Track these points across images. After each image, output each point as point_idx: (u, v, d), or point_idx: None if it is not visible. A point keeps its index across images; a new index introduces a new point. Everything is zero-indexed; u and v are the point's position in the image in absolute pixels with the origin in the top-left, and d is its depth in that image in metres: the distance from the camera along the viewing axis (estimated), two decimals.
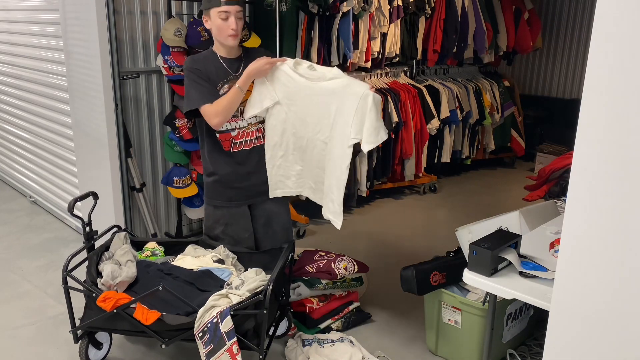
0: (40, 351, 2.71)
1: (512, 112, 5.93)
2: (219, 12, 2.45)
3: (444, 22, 5.14)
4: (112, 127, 3.36)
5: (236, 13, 2.46)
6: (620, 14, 1.16)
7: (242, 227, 2.74)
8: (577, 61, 6.45)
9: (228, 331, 2.18)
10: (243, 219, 2.74)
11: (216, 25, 2.49)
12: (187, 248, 2.73)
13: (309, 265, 2.85)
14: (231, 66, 2.59)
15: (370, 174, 4.59)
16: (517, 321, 2.64)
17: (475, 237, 2.03)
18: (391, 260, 3.69)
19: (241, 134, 2.61)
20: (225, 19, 2.46)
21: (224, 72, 2.57)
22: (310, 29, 4.10)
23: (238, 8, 2.47)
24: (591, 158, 1.25)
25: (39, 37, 4.17)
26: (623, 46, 1.16)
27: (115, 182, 3.43)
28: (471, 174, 5.90)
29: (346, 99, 2.48)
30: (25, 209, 4.66)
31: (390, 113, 4.65)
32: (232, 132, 2.60)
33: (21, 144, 4.87)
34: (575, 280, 1.33)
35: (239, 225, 2.73)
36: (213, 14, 2.47)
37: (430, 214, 4.72)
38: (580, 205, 1.29)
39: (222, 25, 2.47)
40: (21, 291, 3.29)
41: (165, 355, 2.66)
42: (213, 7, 2.45)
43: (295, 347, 2.64)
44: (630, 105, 1.18)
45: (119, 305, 2.27)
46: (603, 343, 1.31)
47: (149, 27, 3.65)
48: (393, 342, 2.82)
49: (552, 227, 2.22)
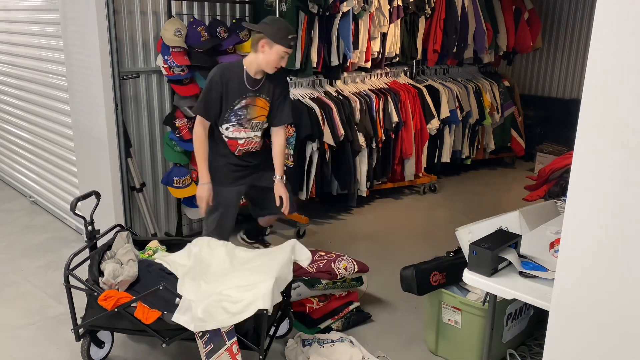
0: (40, 351, 2.71)
1: (512, 112, 5.93)
2: (283, 50, 2.73)
3: (444, 22, 5.14)
4: (112, 127, 3.36)
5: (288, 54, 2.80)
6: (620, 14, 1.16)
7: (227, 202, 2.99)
8: (577, 61, 6.45)
9: (228, 331, 2.19)
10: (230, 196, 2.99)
11: (272, 58, 2.75)
12: None
13: (309, 265, 2.85)
14: (252, 84, 2.87)
15: (370, 174, 4.59)
16: (517, 321, 2.64)
17: (475, 237, 2.02)
18: (391, 260, 3.69)
19: (247, 143, 2.95)
20: (282, 57, 2.76)
21: (244, 88, 2.85)
22: (310, 29, 4.10)
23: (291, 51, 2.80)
24: (591, 158, 1.25)
25: (39, 37, 4.16)
26: (623, 46, 1.17)
27: (115, 182, 3.43)
28: (471, 174, 5.90)
29: None
30: (25, 209, 4.66)
31: (390, 113, 4.65)
32: (239, 140, 2.93)
33: (21, 144, 4.87)
34: (575, 280, 1.33)
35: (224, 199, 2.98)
36: (276, 49, 2.72)
37: (430, 214, 4.72)
38: (580, 205, 1.29)
39: (277, 60, 2.76)
40: (21, 291, 3.29)
41: (167, 355, 2.67)
42: (280, 45, 2.72)
43: (295, 347, 2.64)
44: (630, 105, 1.18)
45: (120, 304, 2.27)
46: (603, 343, 1.31)
47: (149, 27, 3.65)
48: (393, 342, 2.82)
49: (552, 227, 2.22)
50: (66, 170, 4.19)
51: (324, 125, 4.15)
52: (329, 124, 4.18)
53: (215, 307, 2.20)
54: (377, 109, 4.56)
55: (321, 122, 4.13)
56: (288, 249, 2.55)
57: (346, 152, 4.33)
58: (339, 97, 4.40)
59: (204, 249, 2.65)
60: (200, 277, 2.46)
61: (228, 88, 2.82)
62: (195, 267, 2.52)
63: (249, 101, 2.87)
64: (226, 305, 2.20)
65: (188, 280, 2.42)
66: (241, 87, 2.84)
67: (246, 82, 2.84)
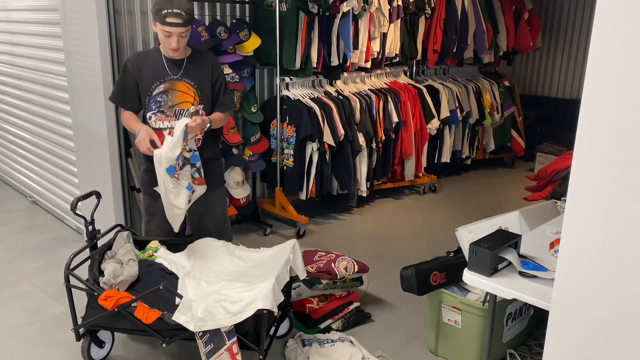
0: (40, 351, 2.71)
1: (512, 112, 5.93)
2: (162, 29, 2.54)
3: (444, 22, 5.14)
4: (112, 127, 3.36)
5: (179, 33, 2.54)
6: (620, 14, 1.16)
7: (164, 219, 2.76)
8: (577, 61, 6.44)
9: (228, 331, 2.19)
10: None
11: (160, 37, 2.59)
12: None
13: (309, 265, 2.85)
14: (172, 68, 2.67)
15: (370, 174, 4.59)
16: (517, 321, 2.64)
17: (475, 237, 2.03)
18: (391, 260, 3.69)
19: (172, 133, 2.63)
20: (168, 37, 2.55)
21: (162, 71, 2.66)
22: (310, 29, 4.10)
23: (182, 29, 2.54)
24: (591, 158, 1.25)
25: (39, 37, 4.16)
26: (623, 46, 1.17)
27: (115, 182, 3.43)
28: (471, 174, 5.90)
29: None
30: (25, 209, 4.66)
31: (390, 113, 4.65)
32: (164, 132, 2.65)
33: (21, 144, 4.87)
34: (575, 280, 1.33)
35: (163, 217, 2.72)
36: (158, 27, 2.56)
37: (430, 214, 4.72)
38: (580, 205, 1.29)
39: (165, 40, 2.58)
40: (21, 291, 3.29)
41: (167, 354, 2.67)
42: (157, 22, 2.54)
43: (295, 347, 2.64)
44: (630, 105, 1.18)
45: (120, 304, 2.27)
46: (603, 343, 1.31)
47: (149, 27, 3.65)
48: (393, 342, 2.82)
49: (552, 227, 2.22)
50: (66, 170, 4.19)
51: (324, 125, 4.15)
52: (329, 124, 4.19)
53: (215, 307, 2.20)
54: (377, 109, 4.56)
55: (321, 122, 4.13)
56: (288, 249, 2.55)
57: (346, 152, 4.33)
58: (339, 97, 4.40)
59: (204, 249, 2.65)
60: (201, 277, 2.46)
61: (142, 73, 2.65)
62: (196, 267, 2.52)
63: (168, 85, 2.64)
64: (226, 305, 2.21)
65: (188, 280, 2.42)
66: (158, 70, 2.65)
67: (166, 65, 2.65)
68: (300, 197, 4.28)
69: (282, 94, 4.21)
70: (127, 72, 2.68)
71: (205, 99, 2.74)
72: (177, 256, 2.63)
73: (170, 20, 2.49)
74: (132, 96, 2.70)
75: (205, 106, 2.74)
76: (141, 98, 2.70)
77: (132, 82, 2.68)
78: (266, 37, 3.98)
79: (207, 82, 2.73)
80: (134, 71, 2.66)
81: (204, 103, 2.73)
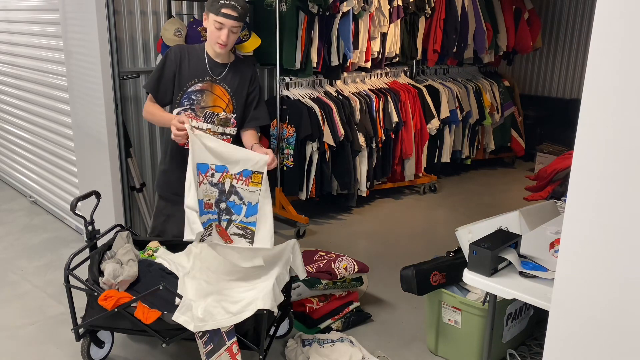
0: (40, 351, 2.71)
1: (512, 112, 5.93)
2: (215, 20, 2.50)
3: (444, 22, 5.14)
4: (112, 127, 3.36)
5: (231, 27, 2.51)
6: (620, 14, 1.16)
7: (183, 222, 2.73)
8: (577, 61, 6.45)
9: (228, 331, 2.19)
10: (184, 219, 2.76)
11: (210, 30, 2.55)
12: None
13: (309, 265, 2.85)
14: (214, 68, 2.63)
15: (370, 174, 4.59)
16: (517, 321, 2.64)
17: (475, 237, 2.02)
18: (391, 260, 3.69)
19: None
20: (219, 29, 2.51)
21: (202, 70, 2.62)
22: (310, 29, 4.10)
23: (235, 23, 2.51)
24: (591, 158, 1.25)
25: (39, 37, 4.16)
26: (623, 46, 1.16)
27: (115, 182, 3.43)
28: (471, 174, 5.90)
29: None
30: (25, 209, 4.66)
31: (390, 113, 4.65)
32: None
33: (21, 144, 4.87)
34: (575, 280, 1.33)
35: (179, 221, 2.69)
36: (211, 18, 2.52)
37: (430, 214, 4.72)
38: (580, 205, 1.29)
39: (215, 33, 2.53)
40: (21, 291, 3.29)
41: (167, 355, 2.67)
42: (211, 13, 2.50)
43: (295, 347, 2.64)
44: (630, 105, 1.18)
45: (120, 304, 2.27)
46: (603, 343, 1.31)
47: (149, 27, 3.66)
48: (393, 342, 2.82)
49: (552, 227, 2.22)
50: (66, 170, 4.19)
51: (324, 125, 4.15)
52: (329, 124, 4.19)
53: (215, 307, 2.20)
54: (377, 109, 4.56)
55: (321, 122, 4.13)
56: (288, 249, 2.55)
57: (346, 152, 4.33)
58: (339, 97, 4.40)
59: (204, 249, 2.65)
60: (201, 277, 2.46)
61: (182, 67, 2.59)
62: (196, 267, 2.52)
63: (206, 86, 2.61)
64: (226, 305, 2.21)
65: (188, 280, 2.42)
66: (199, 68, 2.61)
67: (207, 64, 2.61)
68: (300, 197, 4.28)
69: (282, 94, 4.21)
70: (167, 62, 2.60)
71: (238, 108, 2.70)
72: (177, 256, 2.62)
73: (226, 12, 2.46)
74: (167, 88, 2.62)
75: (237, 115, 2.70)
76: (175, 92, 2.63)
77: (170, 74, 2.60)
78: (266, 37, 3.98)
79: (243, 92, 2.69)
80: (175, 62, 2.59)
81: (237, 112, 2.70)
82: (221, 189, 2.52)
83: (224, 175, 2.51)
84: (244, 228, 2.57)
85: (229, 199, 2.54)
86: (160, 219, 2.85)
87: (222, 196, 2.53)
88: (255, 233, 2.54)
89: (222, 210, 2.55)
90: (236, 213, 2.56)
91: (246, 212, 2.55)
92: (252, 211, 2.55)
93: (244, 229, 2.57)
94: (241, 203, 2.56)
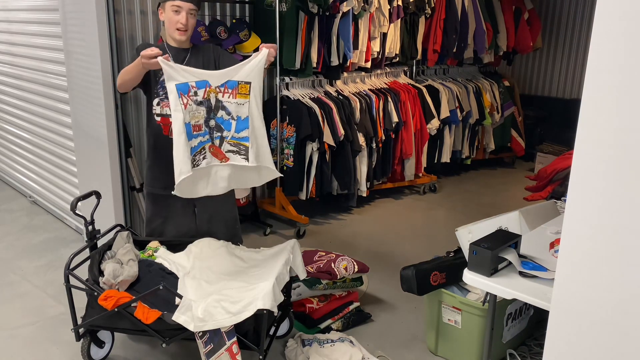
0: (40, 351, 2.71)
1: (512, 112, 5.93)
2: (172, 5, 2.56)
3: (444, 22, 5.14)
4: (112, 127, 3.36)
5: (189, 10, 2.58)
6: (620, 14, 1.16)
7: (181, 222, 2.77)
8: (577, 61, 6.45)
9: (228, 331, 2.19)
10: (184, 214, 2.77)
11: (168, 18, 2.60)
12: None
13: (309, 265, 2.85)
14: (177, 56, 2.64)
15: (370, 174, 4.59)
16: (517, 321, 2.64)
17: (475, 237, 2.03)
18: (391, 260, 3.69)
19: None
20: (177, 13, 2.57)
21: None
22: (310, 29, 4.10)
23: (191, 6, 2.59)
24: (591, 158, 1.25)
25: (39, 37, 4.17)
26: (623, 46, 1.16)
27: (115, 182, 3.43)
28: (471, 174, 5.90)
29: None
30: (25, 209, 4.66)
31: (390, 113, 4.65)
32: (170, 118, 2.46)
33: (21, 144, 4.87)
34: (575, 280, 1.33)
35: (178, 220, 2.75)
36: (167, 6, 2.58)
37: (430, 214, 4.72)
38: (580, 205, 1.29)
39: (173, 19, 2.59)
40: (21, 291, 3.29)
41: (167, 355, 2.67)
42: (168, 0, 2.56)
43: (295, 347, 2.64)
44: (630, 105, 1.18)
45: (120, 304, 2.27)
46: (603, 343, 1.31)
47: (149, 27, 3.66)
48: (393, 342, 2.82)
49: (552, 227, 2.22)
50: (66, 170, 4.19)
51: (324, 125, 4.15)
52: (329, 124, 4.19)
53: (215, 307, 2.20)
54: (377, 109, 4.56)
55: (321, 122, 4.13)
56: (288, 249, 2.55)
57: (346, 152, 4.33)
58: (339, 97, 4.40)
59: (204, 249, 2.65)
60: (201, 277, 2.46)
61: None
62: (196, 267, 2.52)
63: None
64: (226, 305, 2.21)
65: (188, 280, 2.42)
66: None
67: (169, 53, 2.59)
68: (300, 197, 4.28)
69: (282, 94, 4.21)
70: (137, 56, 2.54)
71: None
72: (177, 256, 2.63)
73: None
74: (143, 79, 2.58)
75: None
76: (151, 85, 2.63)
77: None
78: (266, 37, 3.98)
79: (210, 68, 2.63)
80: None
81: None
82: (208, 105, 2.38)
83: (207, 91, 2.37)
84: (236, 144, 2.42)
85: (217, 115, 2.40)
86: (156, 222, 2.83)
87: (210, 114, 2.40)
88: (248, 149, 2.40)
89: (212, 128, 2.41)
90: (226, 129, 2.41)
91: (236, 127, 2.40)
92: (242, 126, 2.39)
93: (237, 145, 2.42)
94: (230, 118, 2.41)
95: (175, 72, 2.32)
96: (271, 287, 2.21)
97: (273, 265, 2.45)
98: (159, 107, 2.64)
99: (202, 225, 2.83)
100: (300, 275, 2.57)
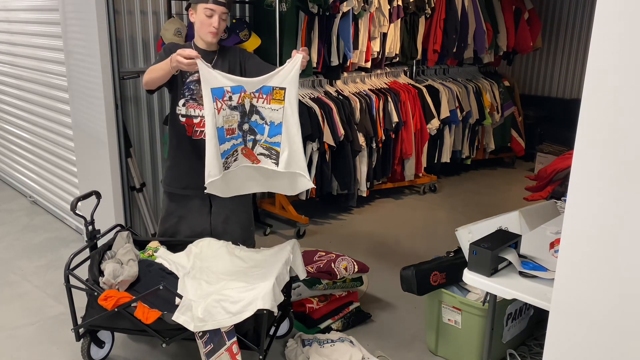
0: (40, 351, 2.71)
1: (512, 112, 5.93)
2: (205, 8, 2.55)
3: (444, 22, 5.14)
4: (112, 127, 3.36)
5: (221, 14, 2.57)
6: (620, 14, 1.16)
7: (196, 222, 2.76)
8: (577, 61, 6.45)
9: (228, 331, 2.19)
10: (199, 214, 2.76)
11: (200, 20, 2.59)
12: None
13: (309, 265, 2.85)
14: (205, 57, 2.58)
15: (370, 174, 4.59)
16: (517, 321, 2.64)
17: (475, 237, 2.03)
18: (391, 260, 3.69)
19: (204, 123, 2.50)
20: (210, 17, 2.56)
21: None
22: (310, 29, 4.10)
23: (224, 9, 2.58)
24: (591, 158, 1.25)
25: (39, 37, 4.17)
26: (623, 46, 1.17)
27: (115, 182, 3.43)
28: (471, 174, 5.90)
29: None
30: (25, 209, 4.66)
31: (390, 113, 4.65)
32: (194, 119, 2.62)
33: (21, 144, 4.87)
34: (575, 280, 1.33)
35: (193, 219, 2.75)
36: (199, 9, 2.57)
37: (430, 214, 4.72)
38: (580, 205, 1.29)
39: (205, 22, 2.57)
40: (21, 291, 3.29)
41: (167, 355, 2.67)
42: (200, 3, 2.55)
43: (295, 347, 2.64)
44: (630, 105, 1.18)
45: (120, 304, 2.27)
46: (603, 343, 1.31)
47: (149, 27, 3.66)
48: (393, 342, 2.82)
49: (552, 227, 2.22)
50: (66, 170, 4.19)
51: (324, 125, 4.15)
52: (329, 124, 4.19)
53: (215, 307, 2.20)
54: (377, 109, 4.56)
55: (321, 122, 4.13)
56: (288, 249, 2.55)
57: (346, 152, 4.33)
58: (339, 97, 4.40)
59: (204, 249, 2.65)
60: (201, 277, 2.47)
61: None
62: (196, 267, 2.52)
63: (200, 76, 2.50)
64: (226, 305, 2.21)
65: (188, 280, 2.42)
66: None
67: None
68: (300, 197, 4.28)
69: None
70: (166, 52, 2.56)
71: None
72: (177, 256, 2.63)
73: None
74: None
75: None
76: (178, 86, 2.63)
77: None
78: (266, 37, 3.98)
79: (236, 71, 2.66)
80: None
81: None
82: (242, 110, 2.43)
83: (242, 96, 2.41)
84: (268, 148, 2.47)
85: (251, 119, 2.46)
86: (171, 221, 2.80)
87: (244, 118, 2.45)
88: (279, 154, 2.44)
89: (246, 131, 2.46)
90: (259, 133, 2.46)
91: (269, 132, 2.44)
92: (275, 131, 2.43)
93: (269, 149, 2.47)
94: (263, 123, 2.45)
95: (212, 76, 2.36)
96: (271, 287, 2.22)
97: (273, 265, 2.45)
98: (184, 107, 2.63)
99: (217, 226, 2.80)
100: (300, 275, 2.57)
